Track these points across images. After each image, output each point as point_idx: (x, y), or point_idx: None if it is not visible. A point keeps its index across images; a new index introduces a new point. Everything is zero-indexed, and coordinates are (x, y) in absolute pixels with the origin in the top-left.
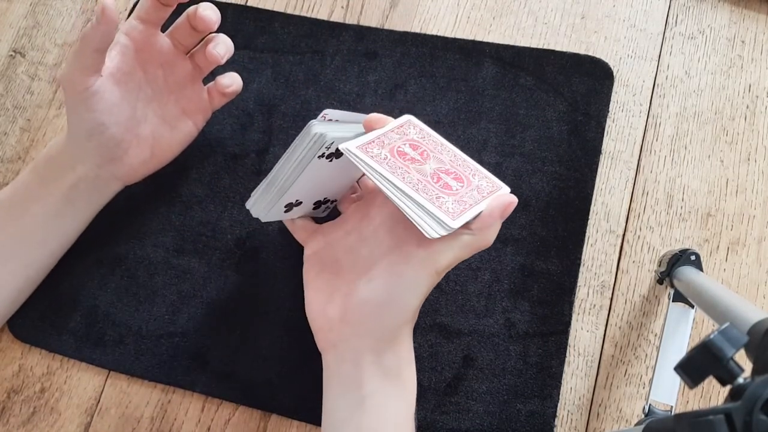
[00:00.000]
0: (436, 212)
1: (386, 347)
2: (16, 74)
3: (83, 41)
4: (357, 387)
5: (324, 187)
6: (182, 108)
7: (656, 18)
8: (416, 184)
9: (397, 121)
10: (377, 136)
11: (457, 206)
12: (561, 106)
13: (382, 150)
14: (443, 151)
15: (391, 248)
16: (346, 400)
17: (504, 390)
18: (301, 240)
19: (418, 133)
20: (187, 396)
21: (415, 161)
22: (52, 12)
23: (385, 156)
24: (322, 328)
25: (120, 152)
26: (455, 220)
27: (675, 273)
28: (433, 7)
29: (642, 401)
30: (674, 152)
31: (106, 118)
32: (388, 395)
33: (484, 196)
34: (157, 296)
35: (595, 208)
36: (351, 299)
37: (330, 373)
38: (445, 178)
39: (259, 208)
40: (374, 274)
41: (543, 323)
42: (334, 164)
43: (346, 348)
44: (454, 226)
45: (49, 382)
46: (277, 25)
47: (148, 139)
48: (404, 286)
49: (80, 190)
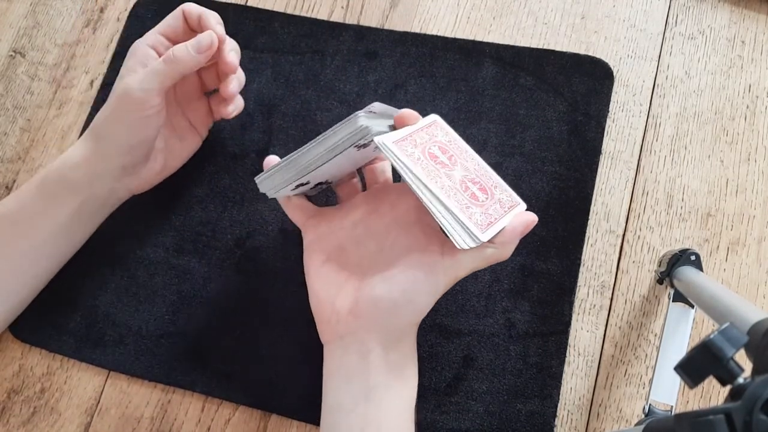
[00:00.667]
0: (467, 223)
1: (393, 344)
2: (16, 74)
3: (174, 63)
4: (363, 378)
5: (334, 171)
6: (189, 120)
7: (656, 18)
8: (448, 190)
9: (425, 120)
10: (409, 133)
11: (484, 218)
12: (561, 106)
13: (416, 150)
14: (468, 159)
15: (410, 250)
16: (350, 390)
17: (504, 390)
18: (297, 221)
19: (445, 135)
20: (187, 396)
21: (445, 166)
22: (52, 12)
23: (418, 157)
24: (330, 320)
25: (142, 165)
26: (484, 233)
27: (675, 273)
28: (433, 7)
29: (642, 401)
30: (674, 152)
31: (152, 134)
32: (392, 389)
33: (506, 210)
34: (157, 296)
35: (595, 208)
36: (363, 294)
37: (334, 364)
38: (472, 187)
39: (270, 185)
40: (392, 273)
41: (543, 323)
42: (358, 153)
43: (353, 340)
44: (483, 239)
45: (49, 383)
46: (277, 25)
47: (162, 150)
48: (423, 291)
49: (91, 205)
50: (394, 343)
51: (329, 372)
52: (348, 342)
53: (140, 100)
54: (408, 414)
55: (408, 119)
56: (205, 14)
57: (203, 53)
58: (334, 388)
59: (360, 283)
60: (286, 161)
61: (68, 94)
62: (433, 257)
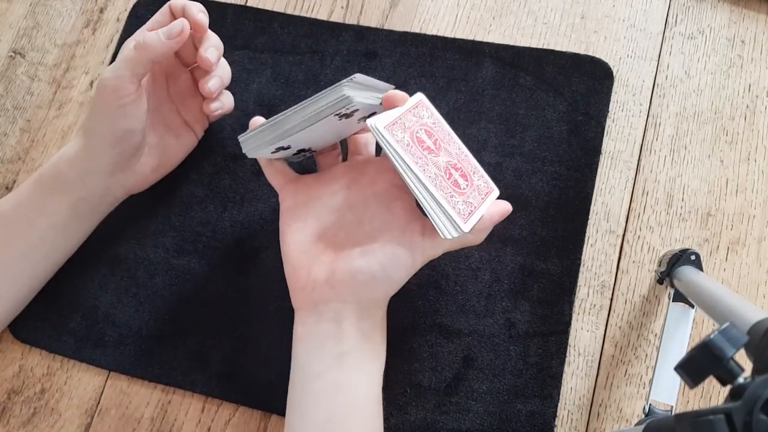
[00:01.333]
0: (452, 213)
1: (366, 314)
2: (16, 75)
3: (144, 49)
4: (336, 343)
5: (315, 139)
6: (184, 118)
7: (656, 18)
8: (434, 178)
9: (411, 101)
10: (398, 116)
11: (465, 207)
12: (561, 106)
13: (405, 134)
14: (450, 142)
15: (390, 226)
16: (322, 355)
17: (504, 390)
18: (277, 185)
19: (431, 117)
20: (187, 396)
21: (431, 151)
22: (52, 12)
23: (407, 142)
24: (305, 288)
25: (134, 161)
26: (466, 224)
27: (675, 273)
28: (433, 7)
29: (642, 401)
30: (674, 152)
31: (136, 125)
32: (364, 355)
33: (483, 198)
34: (157, 296)
35: (595, 208)
36: (341, 265)
37: (305, 329)
38: (455, 174)
39: (252, 145)
40: (372, 248)
41: (543, 323)
42: (340, 123)
43: (328, 309)
44: (465, 230)
45: (49, 383)
46: (277, 25)
47: (156, 147)
48: (400, 267)
49: (87, 203)
50: (367, 314)
51: (299, 337)
52: (322, 310)
53: (113, 87)
54: (377, 381)
55: (397, 100)
56: (188, 5)
57: (173, 39)
58: (304, 353)
59: (337, 254)
60: (269, 123)
61: (68, 94)
62: (414, 237)
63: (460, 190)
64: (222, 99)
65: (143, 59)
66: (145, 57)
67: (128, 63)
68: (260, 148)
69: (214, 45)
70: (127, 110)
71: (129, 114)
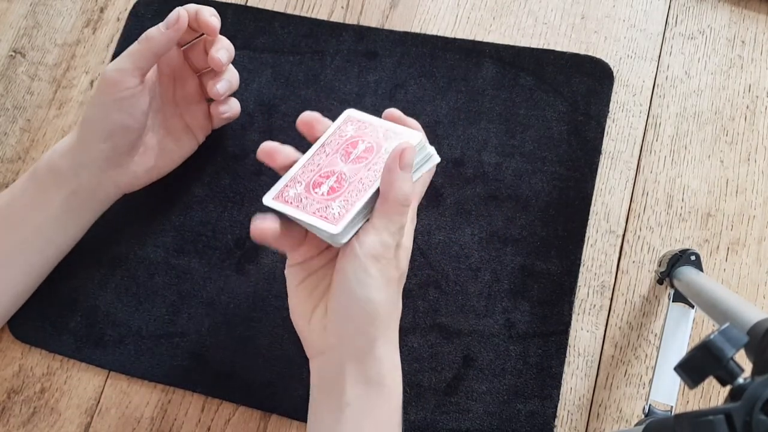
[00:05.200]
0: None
1: (367, 354)
2: (16, 74)
3: (146, 42)
4: (339, 395)
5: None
6: (186, 123)
7: (656, 18)
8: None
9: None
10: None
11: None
12: (561, 106)
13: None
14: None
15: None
16: (329, 408)
17: (504, 390)
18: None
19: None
20: (187, 396)
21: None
22: (52, 12)
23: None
24: (308, 338)
25: (128, 159)
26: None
27: (675, 273)
28: (433, 7)
29: (642, 401)
30: (674, 152)
31: (132, 122)
32: (369, 403)
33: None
34: (157, 296)
35: (595, 208)
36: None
37: (315, 381)
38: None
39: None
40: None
41: (543, 323)
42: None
43: (332, 356)
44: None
45: (49, 383)
46: (277, 25)
47: (153, 148)
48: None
49: (80, 197)
50: (368, 353)
51: (312, 385)
52: (327, 358)
53: (114, 80)
54: (389, 424)
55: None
56: (200, 9)
57: (172, 28)
58: (314, 406)
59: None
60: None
61: (68, 94)
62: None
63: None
64: (229, 103)
65: (147, 52)
66: (149, 50)
67: (131, 56)
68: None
69: (225, 47)
70: (124, 104)
71: (124, 109)
